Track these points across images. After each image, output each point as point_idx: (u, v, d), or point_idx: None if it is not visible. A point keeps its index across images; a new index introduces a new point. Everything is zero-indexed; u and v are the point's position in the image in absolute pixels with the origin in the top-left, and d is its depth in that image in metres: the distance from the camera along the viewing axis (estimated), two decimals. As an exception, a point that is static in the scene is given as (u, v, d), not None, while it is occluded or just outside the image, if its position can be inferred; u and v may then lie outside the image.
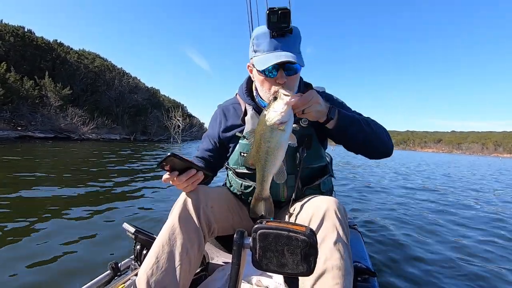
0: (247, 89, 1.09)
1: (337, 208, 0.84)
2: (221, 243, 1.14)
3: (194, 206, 0.88)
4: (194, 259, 0.83)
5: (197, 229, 0.86)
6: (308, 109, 0.82)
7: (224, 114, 1.13)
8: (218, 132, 1.13)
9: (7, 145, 12.28)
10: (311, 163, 1.04)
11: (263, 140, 0.78)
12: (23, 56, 24.09)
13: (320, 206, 0.85)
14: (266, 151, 0.78)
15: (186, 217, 0.86)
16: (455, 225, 3.43)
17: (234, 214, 1.03)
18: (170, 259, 0.79)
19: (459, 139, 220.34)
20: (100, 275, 1.06)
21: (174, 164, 0.83)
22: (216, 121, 1.15)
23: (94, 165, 7.13)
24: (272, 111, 0.76)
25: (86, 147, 14.05)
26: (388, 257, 2.32)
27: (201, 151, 1.18)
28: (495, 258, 2.43)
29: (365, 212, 3.80)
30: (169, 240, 0.82)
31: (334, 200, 0.87)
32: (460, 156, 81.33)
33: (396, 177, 8.76)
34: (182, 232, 0.83)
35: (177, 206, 0.88)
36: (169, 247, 0.81)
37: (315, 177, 1.06)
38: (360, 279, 1.09)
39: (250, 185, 1.05)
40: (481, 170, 16.40)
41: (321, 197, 0.92)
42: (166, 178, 0.84)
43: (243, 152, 1.05)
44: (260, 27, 0.94)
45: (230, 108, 1.14)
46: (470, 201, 5.21)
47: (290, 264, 0.51)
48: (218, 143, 1.14)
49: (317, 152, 1.05)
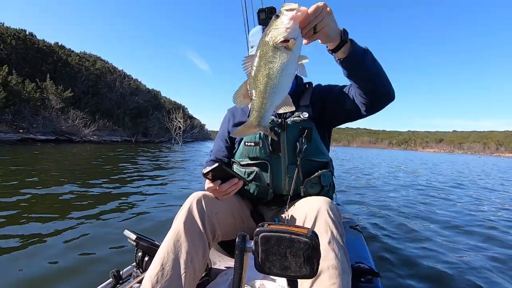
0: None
1: (329, 207, 0.84)
2: (224, 248, 1.14)
3: (199, 213, 0.88)
4: (198, 266, 0.83)
5: (202, 236, 0.86)
6: (320, 23, 0.67)
7: (233, 114, 1.21)
8: (228, 129, 1.19)
9: (10, 147, 12.32)
10: (312, 157, 1.04)
11: (264, 61, 0.63)
12: (24, 59, 24.25)
13: (313, 206, 0.87)
14: (267, 74, 0.63)
15: (191, 224, 0.86)
16: (460, 226, 3.40)
17: (237, 218, 1.04)
18: (175, 267, 0.79)
19: (460, 139, 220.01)
20: (102, 284, 1.05)
21: (217, 173, 0.86)
22: (226, 121, 1.23)
23: (96, 167, 7.15)
24: (274, 28, 0.61)
25: (87, 149, 14.09)
26: (392, 257, 2.29)
27: (214, 153, 1.23)
28: (500, 259, 2.40)
29: (368, 212, 3.79)
30: (174, 247, 0.82)
31: (326, 200, 0.88)
32: (461, 156, 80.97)
33: (399, 177, 8.75)
34: (187, 239, 0.83)
35: (182, 212, 0.88)
36: (174, 254, 0.80)
37: (315, 171, 1.06)
38: (363, 280, 1.08)
39: (253, 171, 1.06)
40: (478, 168, 16.33)
41: (314, 198, 0.93)
42: (210, 186, 0.88)
43: (247, 142, 1.06)
44: (255, 27, 1.05)
45: (238, 109, 1.20)
46: (479, 202, 5.19)
47: (293, 266, 0.50)
48: (229, 141, 1.19)
49: (317, 146, 1.06)
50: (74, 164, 7.50)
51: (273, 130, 1.03)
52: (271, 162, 1.04)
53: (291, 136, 1.03)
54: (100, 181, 5.04)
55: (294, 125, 1.03)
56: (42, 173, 5.52)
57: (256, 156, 1.05)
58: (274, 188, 1.05)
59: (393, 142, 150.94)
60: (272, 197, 1.07)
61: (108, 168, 7.18)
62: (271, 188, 1.05)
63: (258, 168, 1.05)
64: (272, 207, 1.13)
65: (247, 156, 1.07)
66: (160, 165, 8.72)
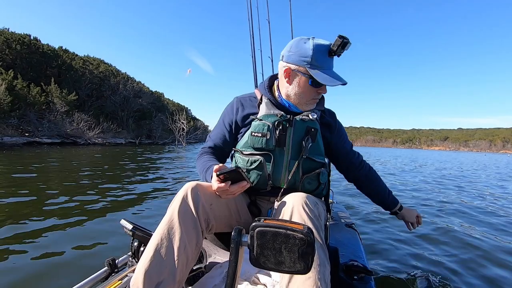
0: (268, 85, 1.17)
1: (304, 202, 0.88)
2: (220, 240, 1.15)
3: (194, 202, 0.88)
4: (191, 254, 0.84)
5: (196, 225, 0.86)
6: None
7: (242, 103, 1.19)
8: (235, 118, 1.17)
9: (16, 151, 12.48)
10: (313, 156, 1.08)
11: None
12: (29, 64, 24.54)
13: (289, 202, 0.91)
14: None
15: (185, 213, 0.86)
16: (456, 223, 3.40)
17: (233, 211, 1.05)
18: (168, 254, 0.80)
19: (466, 136, 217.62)
20: (97, 272, 1.05)
21: (231, 175, 0.87)
22: (232, 108, 1.20)
23: (100, 168, 7.22)
24: None
25: (92, 151, 14.22)
26: (386, 256, 2.32)
27: (213, 139, 1.22)
28: (497, 255, 2.40)
29: (363, 211, 3.78)
30: (168, 234, 0.82)
31: (302, 195, 0.92)
32: (467, 154, 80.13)
33: (397, 175, 8.71)
34: (181, 227, 0.84)
35: (176, 200, 0.89)
36: (168, 241, 0.81)
37: (313, 170, 1.10)
38: (357, 278, 1.10)
39: (257, 159, 1.08)
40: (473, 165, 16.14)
41: (292, 194, 0.96)
42: (220, 186, 0.89)
43: (254, 132, 1.08)
44: (318, 43, 1.01)
45: (247, 99, 1.20)
46: (477, 199, 5.15)
47: (288, 262, 0.51)
48: (234, 131, 1.18)
49: (320, 147, 1.11)
50: (85, 165, 7.58)
51: (281, 124, 1.06)
52: (274, 154, 1.07)
53: (297, 133, 1.07)
54: (98, 179, 5.10)
55: (301, 123, 1.07)
56: (59, 172, 5.62)
57: (261, 147, 1.07)
58: (273, 180, 1.08)
59: (398, 141, 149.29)
60: (270, 188, 1.10)
61: (131, 167, 7.28)
62: (270, 179, 1.08)
63: (262, 157, 1.07)
64: (270, 199, 1.14)
65: (252, 146, 1.08)
66: (163, 165, 8.81)
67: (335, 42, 0.97)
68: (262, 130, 1.06)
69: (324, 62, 1.01)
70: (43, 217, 2.90)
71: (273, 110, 1.10)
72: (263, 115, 1.09)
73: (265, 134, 1.06)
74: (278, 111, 1.09)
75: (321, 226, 0.88)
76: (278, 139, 1.06)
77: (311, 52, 1.00)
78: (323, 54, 1.01)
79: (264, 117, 1.08)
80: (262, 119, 1.08)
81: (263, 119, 1.08)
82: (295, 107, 1.11)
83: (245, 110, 1.17)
